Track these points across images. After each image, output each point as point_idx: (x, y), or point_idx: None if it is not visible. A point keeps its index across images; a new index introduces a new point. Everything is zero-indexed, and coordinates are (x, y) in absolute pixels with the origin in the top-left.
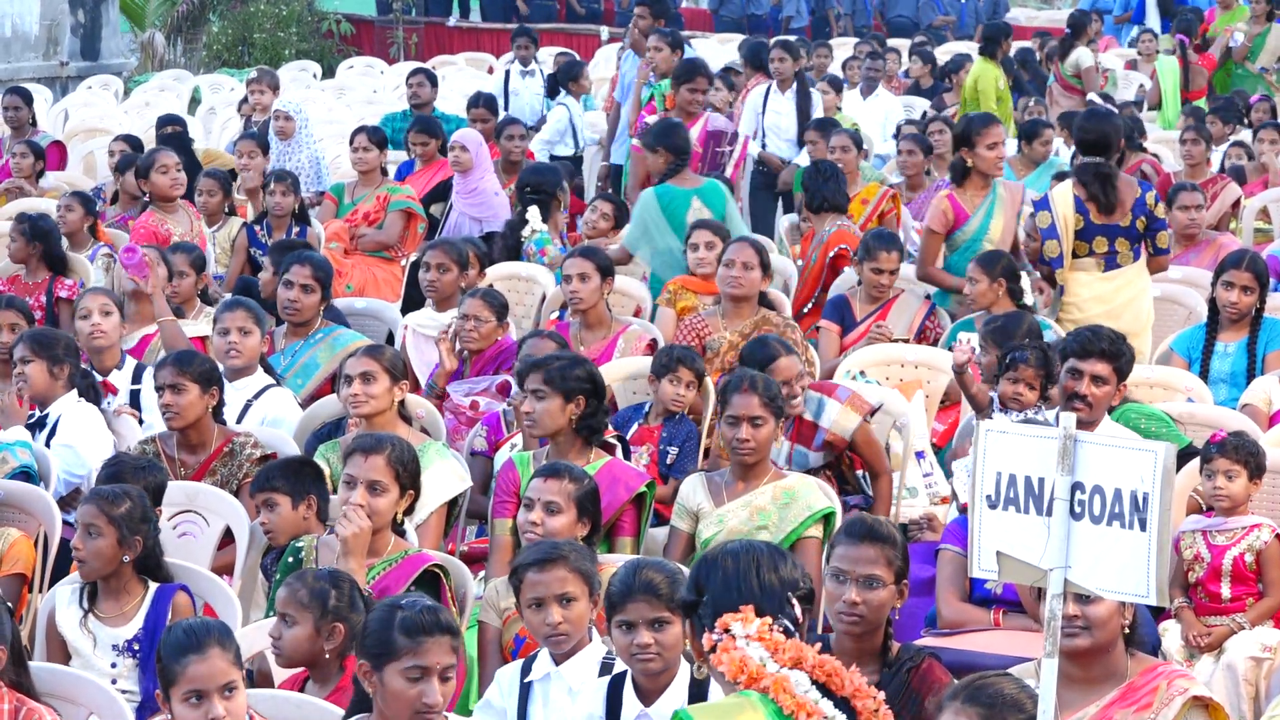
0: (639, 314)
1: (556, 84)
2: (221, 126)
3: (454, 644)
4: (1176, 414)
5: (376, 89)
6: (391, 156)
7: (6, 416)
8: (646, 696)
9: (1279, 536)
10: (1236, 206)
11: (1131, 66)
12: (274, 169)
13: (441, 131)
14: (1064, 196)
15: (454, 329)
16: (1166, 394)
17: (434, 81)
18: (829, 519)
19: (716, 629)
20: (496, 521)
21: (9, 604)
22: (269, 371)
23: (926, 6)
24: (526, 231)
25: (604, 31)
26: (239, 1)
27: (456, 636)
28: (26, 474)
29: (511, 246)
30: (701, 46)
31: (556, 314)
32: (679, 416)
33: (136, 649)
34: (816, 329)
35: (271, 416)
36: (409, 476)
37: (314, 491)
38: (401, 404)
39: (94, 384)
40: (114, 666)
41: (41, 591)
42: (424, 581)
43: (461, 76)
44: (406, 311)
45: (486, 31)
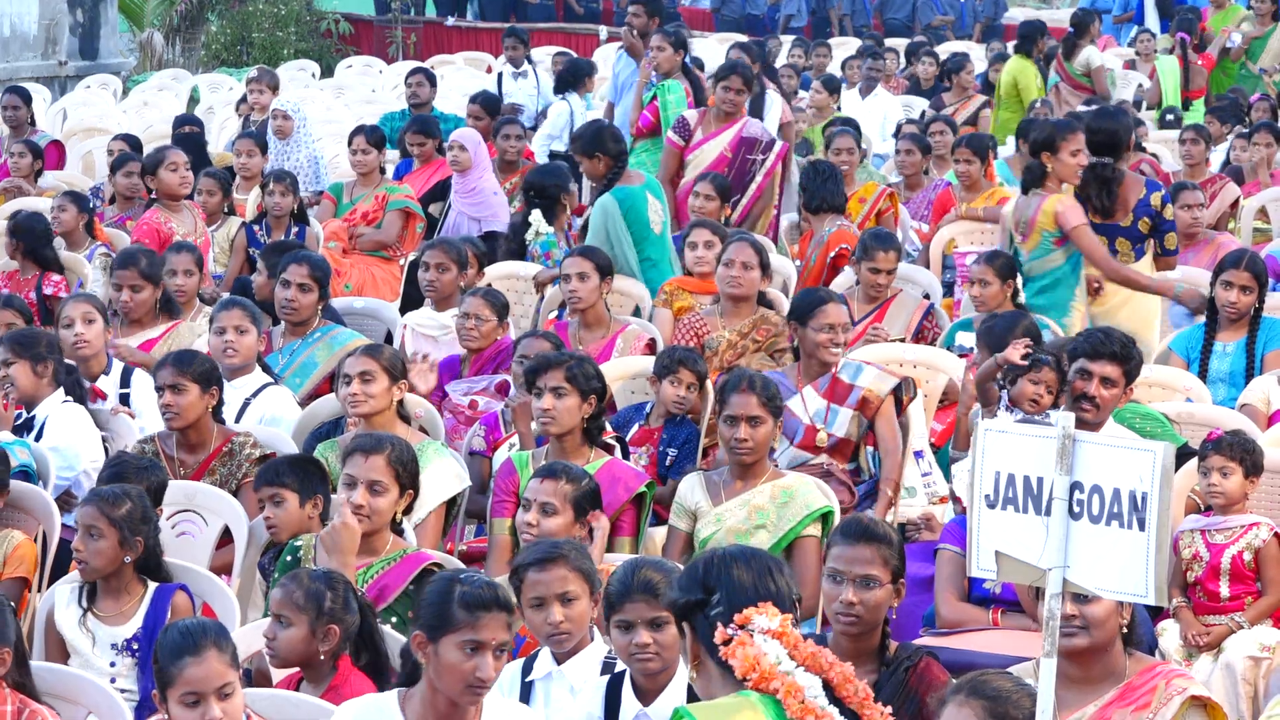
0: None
1: (564, 82)
2: (220, 126)
3: (509, 621)
4: (1175, 414)
5: (375, 88)
6: (389, 156)
7: None
8: (645, 696)
9: (1277, 535)
10: (1235, 206)
11: (1130, 66)
12: (273, 168)
13: (438, 131)
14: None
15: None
16: (1165, 394)
17: (433, 81)
18: (827, 518)
19: (734, 624)
20: (495, 521)
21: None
22: (266, 371)
23: (925, 6)
24: (530, 234)
25: (603, 31)
26: (238, 1)
27: (512, 614)
28: (25, 474)
29: (516, 249)
30: (701, 46)
31: (555, 314)
32: (680, 418)
33: (135, 648)
34: None
35: (270, 415)
36: (409, 476)
37: (320, 491)
38: (400, 403)
39: (78, 380)
40: (113, 666)
41: (40, 591)
42: (422, 580)
43: (460, 76)
44: (405, 311)
45: (485, 31)
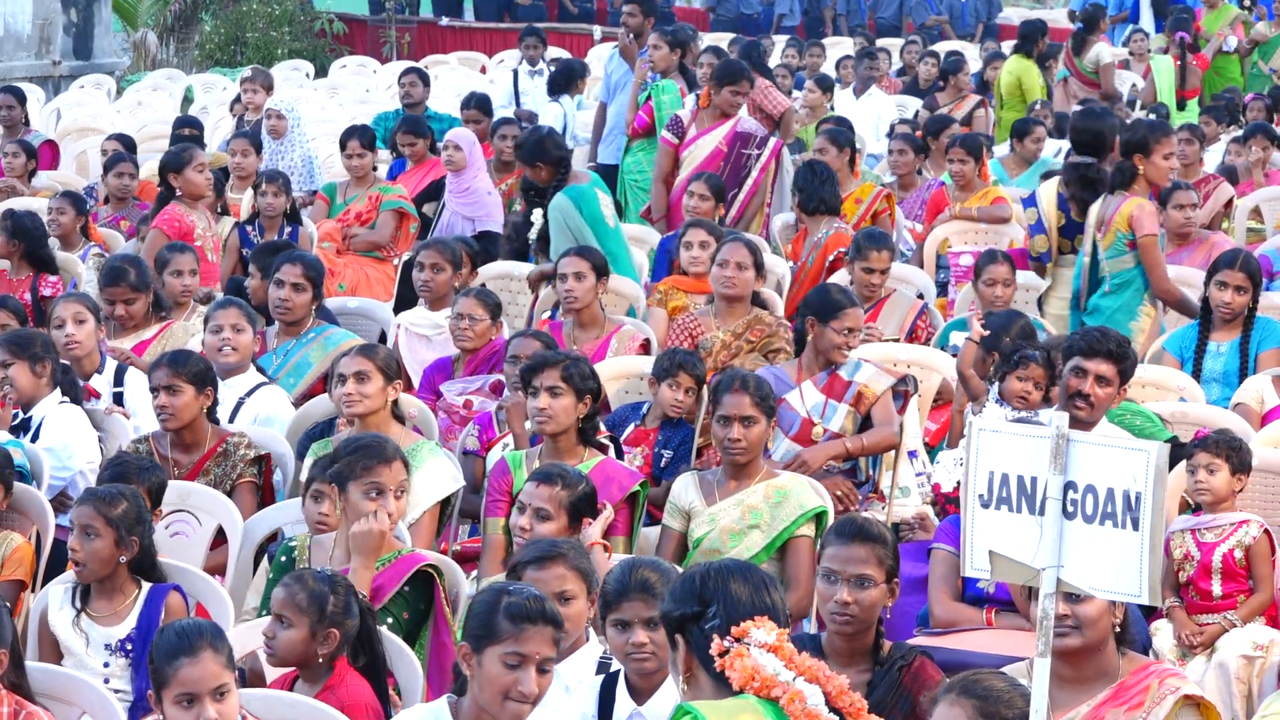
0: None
1: (557, 85)
2: (214, 126)
3: (556, 636)
4: (1169, 414)
5: (369, 88)
6: (381, 156)
7: None
8: (639, 695)
9: (1268, 532)
10: (1229, 206)
11: (1124, 66)
12: (266, 168)
13: (429, 131)
14: (1049, 194)
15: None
16: (1159, 393)
17: (426, 81)
18: (820, 518)
19: (730, 636)
20: (489, 521)
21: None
22: (261, 373)
23: (919, 6)
24: (534, 233)
25: (597, 31)
26: (232, 1)
27: (560, 629)
28: (20, 474)
29: (518, 249)
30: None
31: (548, 314)
32: (676, 420)
33: (129, 648)
34: None
35: (264, 415)
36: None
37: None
38: (395, 403)
39: (74, 380)
40: (106, 666)
41: (34, 592)
42: (417, 580)
43: (454, 76)
44: (399, 311)
45: (479, 31)
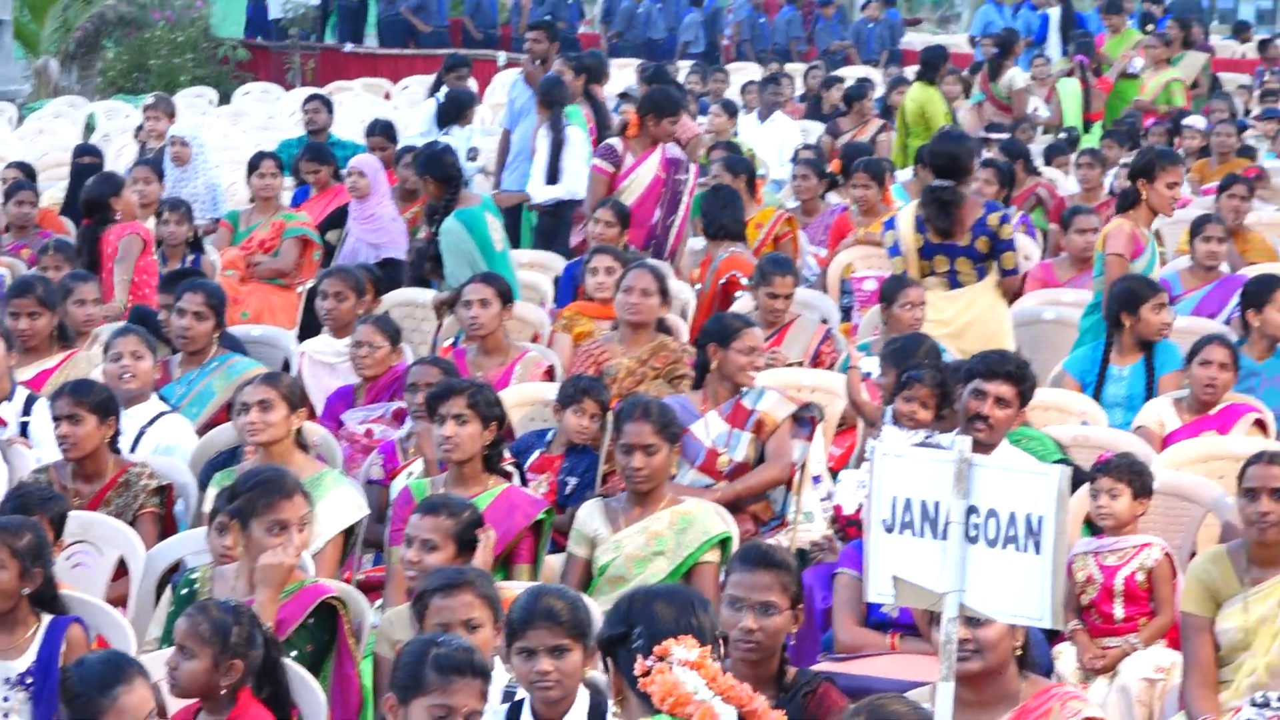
0: (536, 340)
1: (446, 116)
2: (117, 153)
3: (483, 689)
4: (1070, 438)
5: (273, 115)
6: (285, 183)
7: None
8: None
9: (1169, 555)
10: None
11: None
12: (170, 195)
13: (332, 158)
14: (907, 217)
15: None
16: (1061, 417)
17: (330, 107)
18: (725, 544)
19: (654, 655)
20: (393, 550)
21: None
22: (163, 401)
23: (823, 31)
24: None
25: (501, 56)
26: (134, 28)
27: (487, 681)
28: None
29: (421, 277)
30: None
31: (451, 341)
32: (581, 447)
33: (30, 682)
34: None
35: (166, 444)
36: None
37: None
38: (299, 432)
39: None
40: (5, 700)
41: None
42: (321, 612)
43: (359, 102)
44: (303, 338)
45: (384, 57)
